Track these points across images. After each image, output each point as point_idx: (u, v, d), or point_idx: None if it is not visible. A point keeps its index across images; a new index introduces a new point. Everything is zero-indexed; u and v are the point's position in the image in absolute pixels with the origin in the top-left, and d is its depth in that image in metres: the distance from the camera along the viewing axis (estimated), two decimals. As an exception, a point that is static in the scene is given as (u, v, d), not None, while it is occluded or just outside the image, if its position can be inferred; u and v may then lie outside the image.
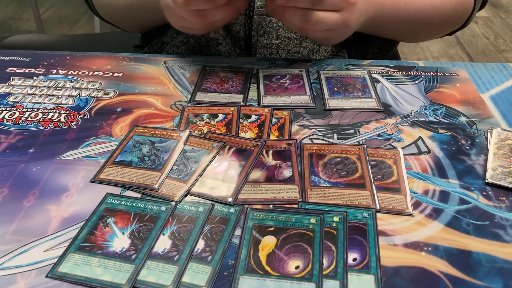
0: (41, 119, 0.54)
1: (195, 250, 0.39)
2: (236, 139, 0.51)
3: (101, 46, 1.06)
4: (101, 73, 0.64)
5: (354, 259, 0.38)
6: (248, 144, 0.50)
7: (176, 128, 0.53)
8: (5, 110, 0.56)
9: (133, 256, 0.38)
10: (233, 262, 0.38)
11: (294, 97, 0.59)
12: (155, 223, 0.41)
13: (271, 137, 0.52)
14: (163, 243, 0.39)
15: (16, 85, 0.61)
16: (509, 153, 0.49)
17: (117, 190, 0.45)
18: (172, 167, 0.47)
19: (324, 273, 0.37)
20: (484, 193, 0.45)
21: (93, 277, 0.37)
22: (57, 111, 0.56)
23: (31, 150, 0.50)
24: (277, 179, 0.46)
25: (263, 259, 0.38)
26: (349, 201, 0.43)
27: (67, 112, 0.56)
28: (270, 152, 0.49)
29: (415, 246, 0.39)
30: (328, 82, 0.62)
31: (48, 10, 2.82)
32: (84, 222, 0.41)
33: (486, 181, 0.46)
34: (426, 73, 0.64)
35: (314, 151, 0.49)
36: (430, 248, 0.39)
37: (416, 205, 0.43)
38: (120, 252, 0.38)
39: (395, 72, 0.64)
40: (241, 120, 0.54)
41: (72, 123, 0.54)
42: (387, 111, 0.56)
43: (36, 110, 0.56)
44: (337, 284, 0.36)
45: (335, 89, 0.60)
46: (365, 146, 0.50)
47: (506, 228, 0.41)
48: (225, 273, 0.37)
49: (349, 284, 0.36)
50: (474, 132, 0.53)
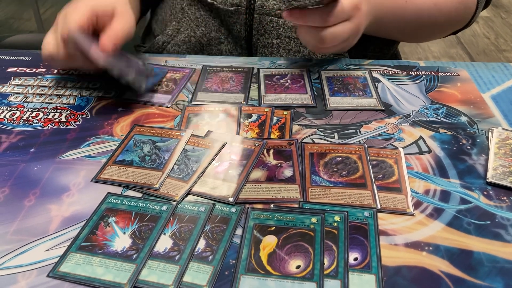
0: (42, 119, 0.54)
1: (196, 250, 0.39)
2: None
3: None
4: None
5: (355, 259, 0.38)
6: (249, 144, 0.50)
7: (177, 128, 0.53)
8: (6, 110, 0.56)
9: (134, 256, 0.38)
10: (234, 262, 0.38)
11: (295, 97, 0.59)
12: (156, 223, 0.41)
13: (272, 137, 0.52)
14: (164, 243, 0.39)
15: (17, 85, 0.61)
16: (510, 153, 0.49)
17: (118, 190, 0.45)
18: (173, 167, 0.47)
19: (325, 273, 0.37)
20: (485, 193, 0.45)
21: (94, 277, 0.37)
22: (58, 111, 0.56)
23: (32, 150, 0.50)
24: (278, 179, 0.46)
25: (264, 259, 0.38)
26: (350, 201, 0.43)
27: (68, 112, 0.56)
28: (271, 152, 0.49)
29: (416, 246, 0.39)
30: (329, 82, 0.62)
31: (49, 10, 2.82)
32: (85, 222, 0.41)
33: (487, 181, 0.46)
34: (427, 73, 0.64)
35: (315, 151, 0.49)
36: (431, 248, 0.39)
37: (417, 205, 0.43)
38: (121, 252, 0.38)
39: (396, 72, 0.64)
40: (242, 120, 0.54)
41: (73, 123, 0.54)
42: (388, 111, 0.56)
43: (37, 110, 0.56)
44: (338, 284, 0.36)
45: (336, 89, 0.60)
46: (366, 146, 0.50)
47: (507, 228, 0.41)
48: (226, 273, 0.37)
49: (350, 284, 0.36)
50: (475, 132, 0.53)
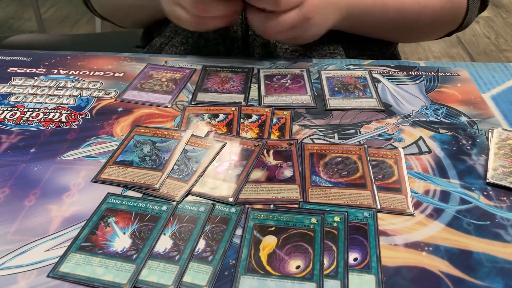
0: (42, 119, 0.54)
1: (196, 250, 0.39)
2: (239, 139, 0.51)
3: (102, 46, 1.06)
4: (102, 73, 0.64)
5: (355, 259, 0.38)
6: (249, 144, 0.50)
7: (177, 128, 0.53)
8: (6, 110, 0.56)
9: (134, 256, 0.38)
10: (234, 262, 0.38)
11: (295, 97, 0.59)
12: (156, 223, 0.41)
13: (272, 137, 0.52)
14: (164, 243, 0.39)
15: (17, 85, 0.61)
16: (510, 153, 0.49)
17: (118, 190, 0.45)
18: (173, 167, 0.47)
19: (325, 273, 0.37)
20: (485, 193, 0.45)
21: (94, 277, 0.37)
22: (58, 111, 0.56)
23: (32, 150, 0.50)
24: (278, 179, 0.46)
25: (264, 259, 0.38)
26: (350, 201, 0.43)
27: (68, 112, 0.56)
28: (271, 152, 0.49)
29: (416, 246, 0.39)
30: (329, 82, 0.62)
31: (49, 10, 2.82)
32: (85, 222, 0.41)
33: (487, 181, 0.46)
34: (427, 73, 0.64)
35: (315, 151, 0.49)
36: (431, 248, 0.39)
37: (417, 205, 0.43)
38: (121, 252, 0.38)
39: (396, 72, 0.64)
40: (242, 120, 0.54)
41: (73, 123, 0.54)
42: (388, 111, 0.56)
43: (37, 110, 0.56)
44: (338, 284, 0.36)
45: (336, 89, 0.60)
46: (366, 146, 0.50)
47: (507, 228, 0.41)
48: (226, 273, 0.37)
49: (350, 284, 0.36)
50: (475, 132, 0.53)
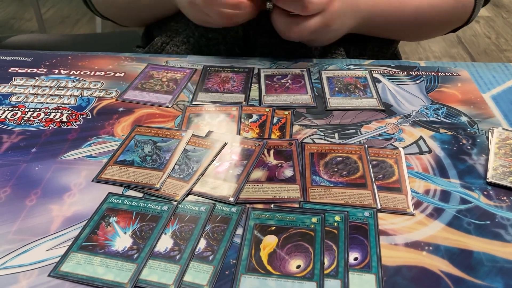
0: (43, 119, 0.55)
1: (197, 250, 0.39)
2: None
3: (103, 46, 1.07)
4: (103, 73, 0.64)
5: (355, 259, 0.38)
6: (249, 144, 0.50)
7: (178, 128, 0.53)
8: (8, 110, 0.56)
9: (135, 256, 0.38)
10: (235, 262, 0.38)
11: (296, 97, 0.59)
12: (157, 223, 0.41)
13: (273, 137, 0.52)
14: (165, 243, 0.39)
15: (18, 85, 0.61)
16: (510, 153, 0.49)
17: (119, 190, 0.45)
18: (174, 167, 0.47)
19: (325, 273, 0.37)
20: (485, 193, 0.45)
21: (95, 276, 0.37)
22: (59, 111, 0.56)
23: (33, 150, 0.50)
24: (279, 179, 0.46)
25: (265, 259, 0.38)
26: (350, 201, 0.43)
27: (69, 112, 0.56)
28: (272, 152, 0.49)
29: (416, 246, 0.39)
30: (330, 82, 0.62)
31: (50, 10, 2.82)
32: (86, 222, 0.41)
33: (487, 181, 0.46)
34: (428, 73, 0.64)
35: (316, 151, 0.49)
36: (431, 248, 0.39)
37: (417, 205, 0.43)
38: (122, 252, 0.39)
39: (396, 72, 0.64)
40: (243, 120, 0.54)
41: (74, 123, 0.54)
42: (388, 111, 0.56)
43: (38, 110, 0.56)
44: (338, 284, 0.36)
45: (336, 89, 0.60)
46: (366, 146, 0.50)
47: (507, 228, 0.41)
48: (227, 273, 0.37)
49: (350, 284, 0.36)
50: (475, 132, 0.53)
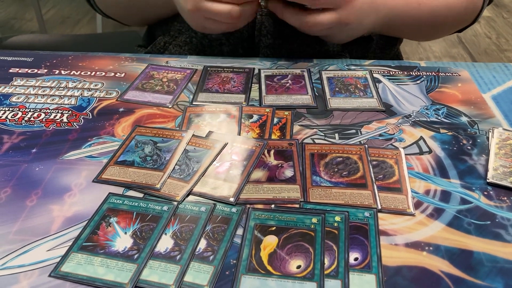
0: (44, 119, 0.55)
1: (197, 250, 0.39)
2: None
3: (103, 46, 1.07)
4: (103, 74, 0.64)
5: (356, 259, 0.38)
6: (250, 144, 0.50)
7: (178, 128, 0.53)
8: (8, 110, 0.56)
9: (136, 256, 0.38)
10: (235, 262, 0.38)
11: (296, 97, 0.59)
12: (157, 223, 0.41)
13: (273, 137, 0.52)
14: (165, 243, 0.39)
15: (19, 85, 0.61)
16: (511, 153, 0.49)
17: (120, 190, 0.45)
18: (174, 167, 0.47)
19: (326, 273, 0.37)
20: (486, 193, 0.45)
21: (96, 277, 0.37)
22: (60, 111, 0.56)
23: (34, 150, 0.50)
24: (279, 179, 0.46)
25: (265, 259, 0.38)
26: (351, 201, 0.43)
27: (70, 112, 0.56)
28: (272, 152, 0.49)
29: (416, 246, 0.39)
30: (330, 82, 0.62)
31: (50, 10, 2.82)
32: (87, 222, 0.41)
33: (488, 181, 0.46)
34: (428, 73, 0.64)
35: (316, 151, 0.50)
36: (431, 248, 0.39)
37: (418, 205, 0.43)
38: (123, 252, 0.39)
39: (397, 72, 0.64)
40: (243, 120, 0.54)
41: (75, 123, 0.54)
42: (389, 111, 0.56)
43: (39, 110, 0.56)
44: (339, 284, 0.36)
45: (337, 89, 0.60)
46: (367, 146, 0.50)
47: (507, 228, 0.41)
48: (227, 273, 0.37)
49: (351, 284, 0.36)
50: (476, 132, 0.53)
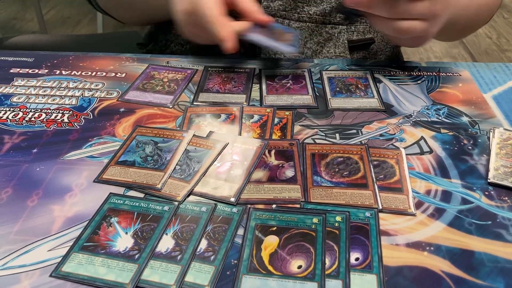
0: (45, 120, 0.55)
1: (198, 250, 0.39)
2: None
3: (104, 46, 1.07)
4: (104, 74, 0.64)
5: (357, 259, 0.38)
6: (251, 144, 0.50)
7: (179, 128, 0.53)
8: (9, 111, 0.56)
9: (136, 256, 0.38)
10: (236, 262, 0.38)
11: (297, 97, 0.59)
12: (158, 223, 0.41)
13: (274, 137, 0.52)
14: (166, 243, 0.39)
15: (20, 86, 0.61)
16: (511, 153, 0.49)
17: (120, 190, 0.45)
18: (175, 167, 0.47)
19: (327, 273, 0.37)
20: (487, 193, 0.45)
21: (97, 277, 0.37)
22: (60, 112, 0.56)
23: (35, 150, 0.50)
24: (280, 179, 0.46)
25: (266, 259, 0.38)
26: (352, 201, 0.43)
27: (70, 113, 0.56)
28: (273, 152, 0.49)
29: (417, 246, 0.39)
30: (331, 82, 0.62)
31: (51, 11, 2.83)
32: (88, 222, 0.41)
33: (489, 181, 0.46)
34: (429, 73, 0.64)
35: (317, 151, 0.49)
36: (432, 248, 0.39)
37: (418, 205, 0.43)
38: (124, 252, 0.39)
39: (398, 72, 0.64)
40: (244, 120, 0.54)
41: (75, 123, 0.54)
42: (389, 111, 0.56)
43: (40, 111, 0.56)
44: (340, 284, 0.36)
45: (337, 89, 0.60)
46: (368, 146, 0.50)
47: (508, 228, 0.41)
48: (228, 273, 0.37)
49: (352, 284, 0.36)
50: (477, 132, 0.53)
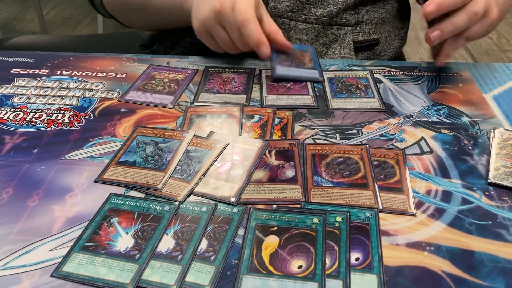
0: (45, 120, 0.55)
1: (199, 250, 0.39)
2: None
3: (104, 47, 1.06)
4: (105, 74, 0.64)
5: (357, 259, 0.38)
6: (251, 145, 0.50)
7: (180, 129, 0.53)
8: (10, 111, 0.56)
9: (137, 256, 0.38)
10: (236, 262, 0.38)
11: (297, 98, 0.59)
12: (159, 223, 0.41)
13: (274, 137, 0.52)
14: (167, 243, 0.39)
15: (20, 86, 0.61)
16: (512, 153, 0.49)
17: (121, 190, 0.45)
18: (176, 167, 0.47)
19: (327, 273, 0.37)
20: (487, 193, 0.45)
21: (97, 277, 0.37)
22: (61, 112, 0.56)
23: (36, 151, 0.50)
24: (280, 179, 0.46)
25: (266, 259, 0.38)
26: (352, 201, 0.43)
27: (71, 113, 0.56)
28: (273, 152, 0.49)
29: (418, 246, 0.39)
30: (331, 83, 0.62)
31: (52, 11, 2.83)
32: (88, 222, 0.42)
33: (489, 181, 0.46)
34: (429, 73, 0.64)
35: (317, 151, 0.50)
36: (433, 248, 0.39)
37: (419, 205, 0.43)
38: (124, 252, 0.39)
39: (398, 73, 0.64)
40: (244, 121, 0.54)
41: (76, 124, 0.54)
42: (390, 111, 0.56)
43: (40, 111, 0.56)
44: (340, 284, 0.36)
45: (338, 90, 0.60)
46: (368, 146, 0.50)
47: (509, 228, 0.41)
48: (228, 273, 0.37)
49: (352, 284, 0.36)
50: (477, 132, 0.53)
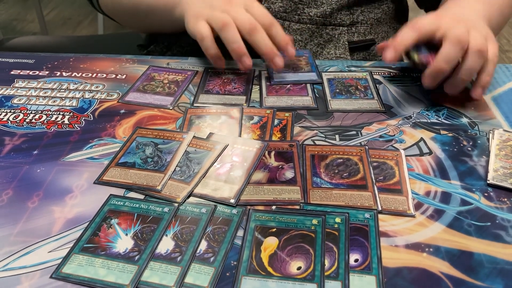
0: (45, 121, 0.55)
1: (198, 251, 0.39)
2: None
3: (104, 48, 1.07)
4: (105, 75, 0.64)
5: (356, 260, 0.38)
6: (250, 146, 0.50)
7: (179, 130, 0.53)
8: (10, 112, 0.56)
9: (136, 257, 0.38)
10: (236, 263, 0.38)
11: (296, 99, 0.59)
12: (158, 224, 0.41)
13: (273, 139, 0.52)
14: (166, 244, 0.40)
15: (20, 87, 0.61)
16: (511, 154, 0.49)
17: (121, 192, 0.45)
18: (175, 169, 0.47)
19: (326, 274, 0.37)
20: (486, 194, 0.45)
21: (97, 278, 0.37)
22: (61, 113, 0.56)
23: (35, 152, 0.50)
24: (279, 181, 0.46)
25: (265, 260, 0.38)
26: (351, 202, 0.44)
27: (71, 114, 0.56)
28: (272, 154, 0.49)
29: (417, 247, 0.40)
30: (330, 84, 0.62)
31: (52, 12, 2.83)
32: (88, 223, 0.42)
33: (488, 182, 0.46)
34: (428, 74, 0.64)
35: (316, 153, 0.50)
36: (432, 249, 0.39)
37: (418, 206, 0.43)
38: (124, 253, 0.39)
39: (397, 74, 0.64)
40: (244, 122, 0.55)
41: (76, 125, 0.54)
42: (389, 113, 0.57)
43: (40, 112, 0.56)
44: (339, 285, 0.36)
45: (337, 91, 0.60)
46: (367, 148, 0.50)
47: (508, 229, 0.41)
48: (228, 274, 0.37)
49: (351, 285, 0.36)
50: (476, 133, 0.53)
